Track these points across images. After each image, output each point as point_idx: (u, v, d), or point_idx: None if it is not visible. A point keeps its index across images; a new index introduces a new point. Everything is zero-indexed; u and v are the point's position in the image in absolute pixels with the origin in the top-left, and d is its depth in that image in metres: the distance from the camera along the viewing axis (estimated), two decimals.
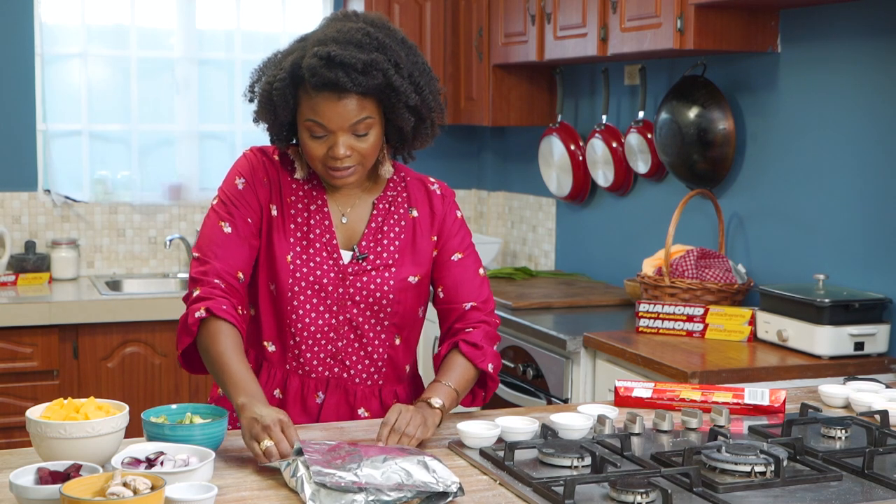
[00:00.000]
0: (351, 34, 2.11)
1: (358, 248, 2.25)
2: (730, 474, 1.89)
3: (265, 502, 1.77)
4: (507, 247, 5.17)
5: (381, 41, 2.12)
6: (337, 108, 2.10)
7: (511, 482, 1.86)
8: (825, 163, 3.31)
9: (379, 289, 2.24)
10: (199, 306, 2.11)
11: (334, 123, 2.11)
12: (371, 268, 2.25)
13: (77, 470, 1.72)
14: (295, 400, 2.26)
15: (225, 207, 2.21)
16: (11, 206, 4.66)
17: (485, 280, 2.34)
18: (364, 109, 2.12)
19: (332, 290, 2.23)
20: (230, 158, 4.88)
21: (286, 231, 2.23)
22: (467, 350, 2.24)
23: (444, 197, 2.35)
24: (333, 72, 2.06)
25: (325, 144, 2.14)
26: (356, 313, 2.25)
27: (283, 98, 2.13)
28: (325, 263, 2.23)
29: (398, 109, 2.15)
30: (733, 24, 3.37)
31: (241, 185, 2.23)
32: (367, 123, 2.13)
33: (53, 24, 4.65)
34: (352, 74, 2.06)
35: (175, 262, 4.92)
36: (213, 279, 2.14)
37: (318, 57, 2.07)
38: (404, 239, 2.28)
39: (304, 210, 2.25)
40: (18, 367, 4.13)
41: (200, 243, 2.20)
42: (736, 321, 3.25)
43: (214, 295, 2.13)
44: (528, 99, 4.61)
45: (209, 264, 2.16)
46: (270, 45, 4.90)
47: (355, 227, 2.28)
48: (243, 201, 2.21)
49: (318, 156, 2.15)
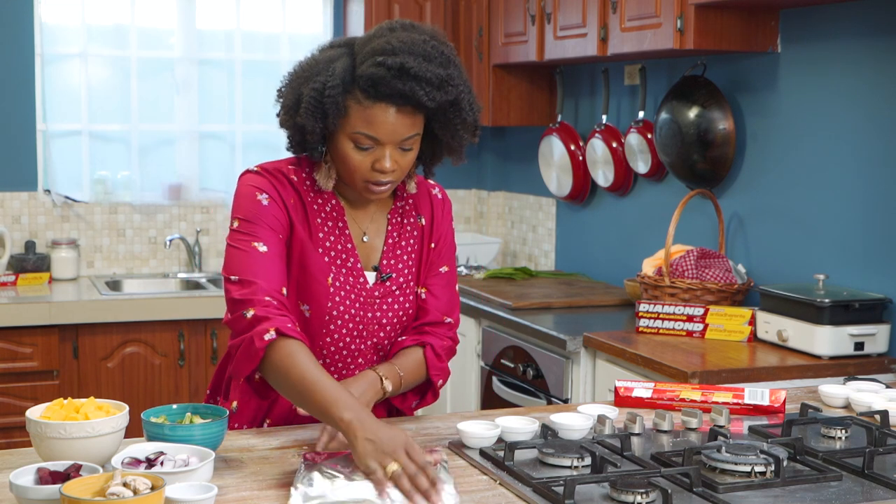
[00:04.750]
0: (418, 46, 1.99)
1: (381, 269, 2.19)
2: (730, 474, 1.89)
3: (265, 502, 1.77)
4: (507, 247, 5.17)
5: (447, 55, 2.02)
6: (394, 122, 2.00)
7: (511, 482, 1.86)
8: (825, 163, 3.31)
9: (402, 308, 2.20)
10: (266, 327, 1.96)
11: (387, 136, 2.01)
12: (395, 288, 2.19)
13: (77, 470, 1.72)
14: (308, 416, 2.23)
15: (252, 227, 2.06)
16: (11, 206, 4.67)
17: (457, 296, 2.32)
18: (416, 125, 2.04)
19: (363, 316, 2.16)
20: (230, 158, 4.89)
21: (321, 252, 2.12)
22: (430, 358, 2.20)
23: (444, 203, 2.31)
24: (407, 84, 1.96)
25: (371, 157, 2.04)
26: (382, 336, 2.20)
27: (334, 105, 2.00)
28: (355, 289, 2.15)
29: (454, 126, 2.07)
30: (733, 24, 3.37)
31: (266, 201, 2.08)
32: (414, 139, 2.06)
33: (53, 24, 4.66)
34: (426, 88, 1.97)
35: (175, 262, 4.92)
36: (263, 297, 2.00)
37: (385, 66, 1.96)
38: (416, 251, 2.24)
39: (331, 232, 2.14)
40: (18, 367, 4.13)
41: (234, 267, 2.04)
42: (736, 321, 3.25)
43: (273, 314, 1.98)
44: (528, 99, 4.61)
45: (255, 284, 2.00)
46: (270, 44, 4.93)
47: (374, 244, 2.21)
48: (271, 217, 2.07)
49: (362, 168, 2.04)
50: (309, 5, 5.02)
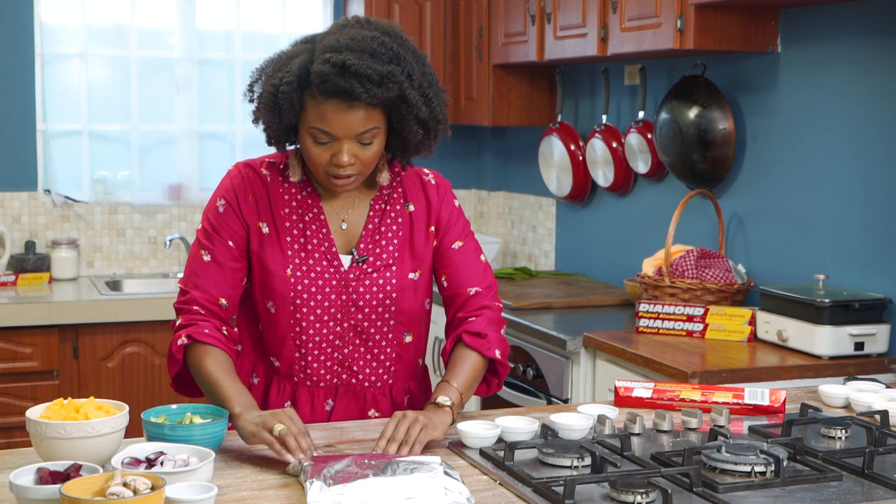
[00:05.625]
0: (365, 42, 2.05)
1: (357, 251, 2.23)
2: (730, 474, 1.89)
3: (265, 502, 1.77)
4: (507, 247, 5.17)
5: (395, 51, 2.07)
6: (346, 117, 2.06)
7: (511, 482, 1.86)
8: (825, 163, 3.31)
9: (382, 290, 2.23)
10: (181, 334, 2.14)
11: (341, 131, 2.08)
12: (372, 270, 2.23)
13: (77, 470, 1.72)
14: (305, 409, 2.25)
15: (206, 234, 2.21)
16: (11, 206, 4.67)
17: (487, 265, 2.33)
18: (372, 119, 2.09)
19: (335, 299, 2.22)
20: (230, 158, 4.89)
21: (282, 245, 2.21)
22: (471, 341, 2.23)
23: (440, 187, 2.33)
24: (348, 81, 2.01)
25: (329, 151, 2.11)
26: (361, 318, 2.23)
27: (289, 101, 2.08)
28: (326, 272, 2.21)
29: (407, 121, 2.12)
30: (733, 24, 3.37)
31: (222, 208, 2.22)
32: (373, 133, 2.10)
33: (53, 24, 4.66)
34: (367, 85, 2.02)
35: (175, 262, 4.92)
36: (192, 307, 2.17)
37: (331, 64, 2.02)
38: (402, 236, 2.26)
39: (300, 220, 2.22)
40: (18, 367, 4.13)
41: (185, 273, 2.23)
42: (736, 321, 3.25)
43: (195, 321, 2.15)
44: (528, 99, 4.61)
45: (189, 294, 2.19)
46: (270, 45, 4.91)
47: (354, 230, 2.26)
48: (224, 224, 2.21)
49: (321, 162, 2.12)
50: (309, 5, 5.03)
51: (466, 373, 2.20)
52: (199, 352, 2.12)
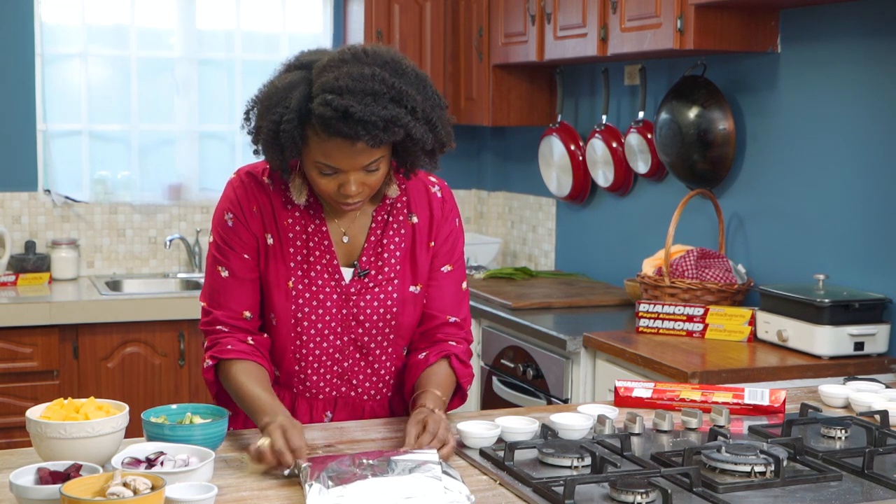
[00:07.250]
0: (366, 83, 1.96)
1: (359, 265, 2.21)
2: (730, 474, 1.89)
3: (265, 502, 1.77)
4: (507, 247, 5.17)
5: (397, 88, 1.98)
6: (351, 153, 2.01)
7: (511, 482, 1.86)
8: (825, 163, 3.31)
9: (383, 304, 2.21)
10: (206, 356, 2.17)
11: (347, 166, 2.03)
12: (374, 284, 2.21)
13: (77, 470, 1.72)
14: (304, 420, 2.24)
15: (219, 249, 2.19)
16: (11, 206, 4.67)
17: (466, 295, 2.32)
18: (377, 152, 2.04)
19: (335, 313, 2.20)
20: (230, 158, 4.89)
21: (285, 257, 2.18)
22: (458, 367, 2.23)
23: (445, 202, 2.29)
24: (352, 128, 1.95)
25: (336, 181, 2.06)
26: (361, 333, 2.21)
27: (291, 139, 2.01)
28: (328, 286, 2.19)
29: (413, 152, 2.09)
30: (733, 24, 3.37)
31: (231, 222, 2.18)
32: (378, 162, 2.06)
33: (53, 24, 4.66)
34: (372, 131, 1.95)
35: (175, 262, 4.92)
36: (216, 327, 2.18)
37: (332, 108, 1.94)
38: (404, 248, 2.23)
39: (303, 232, 2.19)
40: (18, 367, 4.13)
41: (204, 291, 2.22)
42: (736, 321, 3.25)
43: (219, 340, 2.16)
44: (528, 99, 4.61)
45: (212, 314, 2.19)
46: (270, 44, 4.93)
47: (356, 242, 2.22)
48: (235, 238, 2.18)
49: (329, 191, 2.08)
50: (309, 5, 5.03)
51: (447, 391, 2.20)
52: (225, 370, 2.14)
